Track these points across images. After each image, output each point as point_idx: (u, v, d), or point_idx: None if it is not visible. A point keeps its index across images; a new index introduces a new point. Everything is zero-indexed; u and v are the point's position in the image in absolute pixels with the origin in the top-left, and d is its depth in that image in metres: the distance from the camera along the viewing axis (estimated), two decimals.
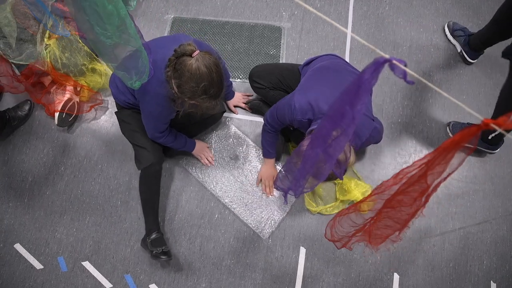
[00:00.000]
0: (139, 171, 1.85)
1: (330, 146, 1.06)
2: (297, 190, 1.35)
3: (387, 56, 0.70)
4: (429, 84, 0.72)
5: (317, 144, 1.10)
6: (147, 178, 1.86)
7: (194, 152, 2.02)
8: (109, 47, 1.24)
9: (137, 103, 1.71)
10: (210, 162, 2.08)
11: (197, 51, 1.39)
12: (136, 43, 1.20)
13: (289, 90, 1.92)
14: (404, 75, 0.67)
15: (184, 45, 1.39)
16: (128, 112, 1.84)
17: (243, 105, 2.18)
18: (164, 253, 1.81)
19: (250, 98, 2.19)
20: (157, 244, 1.81)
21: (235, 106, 2.18)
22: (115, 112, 1.91)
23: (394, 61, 0.68)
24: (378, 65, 0.73)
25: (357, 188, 2.00)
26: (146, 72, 1.34)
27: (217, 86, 1.44)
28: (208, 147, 2.11)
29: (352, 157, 1.43)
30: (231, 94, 2.14)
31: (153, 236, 1.83)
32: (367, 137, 1.61)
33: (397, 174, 0.90)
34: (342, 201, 2.02)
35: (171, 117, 1.72)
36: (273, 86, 1.95)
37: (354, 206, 1.21)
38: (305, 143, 1.30)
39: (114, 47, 1.25)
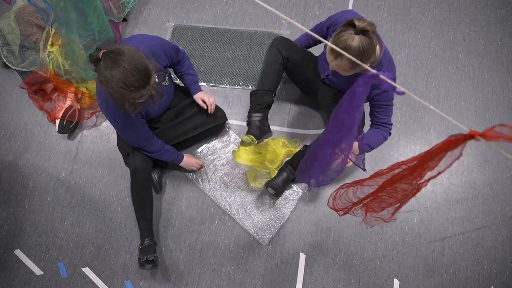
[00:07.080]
0: None
1: (339, 145, 1.13)
2: (318, 182, 1.40)
3: (373, 71, 0.73)
4: (414, 97, 0.74)
5: (325, 146, 1.16)
6: (135, 187, 1.86)
7: (183, 164, 1.97)
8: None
9: None
10: (200, 165, 2.07)
11: (102, 51, 1.33)
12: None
13: (316, 72, 1.92)
14: (393, 88, 0.71)
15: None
16: None
17: (207, 102, 1.97)
18: (149, 261, 1.75)
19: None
20: (145, 252, 1.77)
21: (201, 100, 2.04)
22: None
23: (382, 76, 0.71)
24: (366, 79, 0.77)
25: (284, 148, 2.07)
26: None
27: (136, 73, 1.33)
28: (194, 157, 2.08)
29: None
30: (197, 89, 1.97)
31: (146, 243, 1.81)
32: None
33: (392, 165, 1.00)
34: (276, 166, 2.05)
35: (132, 121, 1.64)
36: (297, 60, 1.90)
37: (356, 182, 1.28)
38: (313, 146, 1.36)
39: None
